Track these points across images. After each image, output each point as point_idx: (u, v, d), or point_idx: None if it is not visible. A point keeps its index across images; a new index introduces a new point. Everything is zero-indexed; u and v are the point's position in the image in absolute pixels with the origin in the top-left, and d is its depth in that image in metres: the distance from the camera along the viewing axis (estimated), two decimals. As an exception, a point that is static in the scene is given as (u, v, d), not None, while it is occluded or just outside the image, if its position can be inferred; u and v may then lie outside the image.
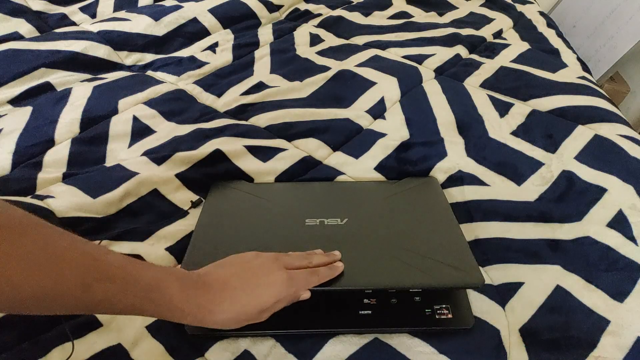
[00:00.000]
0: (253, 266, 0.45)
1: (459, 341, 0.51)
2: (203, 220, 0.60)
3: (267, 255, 0.47)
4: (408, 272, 0.52)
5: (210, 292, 0.41)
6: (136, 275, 0.38)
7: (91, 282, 0.35)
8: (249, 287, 0.42)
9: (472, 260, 0.53)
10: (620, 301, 0.56)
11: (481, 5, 1.26)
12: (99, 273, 0.35)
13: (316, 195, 0.65)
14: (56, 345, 0.48)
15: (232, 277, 0.43)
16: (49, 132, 0.74)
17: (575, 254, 0.61)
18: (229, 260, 0.46)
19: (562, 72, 0.95)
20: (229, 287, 0.42)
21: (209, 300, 0.41)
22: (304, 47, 1.03)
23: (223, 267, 0.44)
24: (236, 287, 0.42)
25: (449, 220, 0.60)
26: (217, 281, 0.42)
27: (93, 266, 0.35)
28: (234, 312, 0.41)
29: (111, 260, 0.37)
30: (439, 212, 0.62)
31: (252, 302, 0.42)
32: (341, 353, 0.50)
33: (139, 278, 0.38)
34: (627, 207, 0.65)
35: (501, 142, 0.77)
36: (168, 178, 0.67)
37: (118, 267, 0.37)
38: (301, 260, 0.48)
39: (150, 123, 0.78)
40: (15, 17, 1.00)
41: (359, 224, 0.58)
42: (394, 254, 0.54)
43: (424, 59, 0.98)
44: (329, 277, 0.49)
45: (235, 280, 0.42)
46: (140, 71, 0.93)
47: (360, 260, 0.53)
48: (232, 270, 0.44)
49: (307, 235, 0.55)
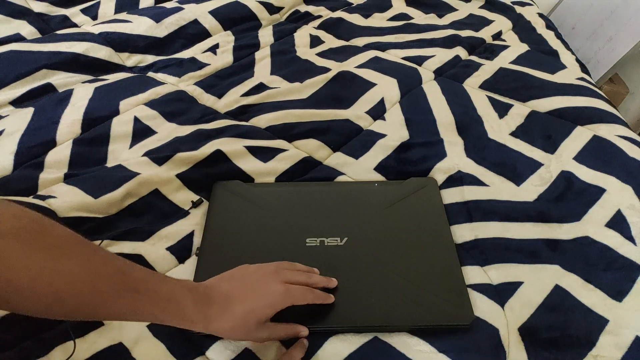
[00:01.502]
0: (253, 279, 0.48)
1: (458, 340, 0.51)
2: (208, 234, 0.61)
3: (268, 268, 0.50)
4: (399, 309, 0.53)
5: (215, 305, 0.45)
6: (157, 288, 0.42)
7: (122, 293, 0.40)
8: (248, 299, 0.46)
9: (465, 294, 0.55)
10: (618, 300, 0.56)
11: (480, 7, 1.26)
12: (127, 285, 0.40)
13: (316, 203, 0.66)
14: (58, 344, 0.48)
15: (234, 290, 0.46)
16: (50, 133, 0.74)
17: (574, 254, 0.61)
18: (232, 274, 0.49)
19: (561, 74, 0.95)
20: (230, 300, 0.45)
21: (214, 312, 0.44)
22: (304, 49, 1.04)
23: (227, 280, 0.48)
24: (236, 299, 0.46)
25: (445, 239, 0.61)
26: (220, 295, 0.46)
27: (122, 280, 0.40)
28: (234, 322, 0.45)
29: (137, 274, 0.42)
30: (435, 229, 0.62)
31: (250, 313, 0.45)
32: (341, 351, 0.50)
33: (159, 291, 0.42)
34: (625, 207, 0.65)
35: (500, 143, 0.77)
36: (169, 178, 0.68)
37: (142, 280, 0.42)
38: (300, 276, 0.51)
39: (151, 124, 0.79)
40: (17, 18, 1.01)
41: (358, 247, 0.59)
42: (389, 283, 0.55)
43: (423, 60, 0.99)
44: (324, 301, 0.51)
45: (237, 293, 0.46)
46: (141, 72, 0.94)
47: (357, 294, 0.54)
48: (234, 284, 0.47)
49: (308, 258, 0.57)
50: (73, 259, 0.37)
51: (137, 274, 0.42)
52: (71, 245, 0.39)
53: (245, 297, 0.46)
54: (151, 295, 0.41)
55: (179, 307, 0.43)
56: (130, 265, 0.42)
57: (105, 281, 0.39)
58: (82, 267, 0.38)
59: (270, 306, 0.46)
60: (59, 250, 0.37)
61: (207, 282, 0.47)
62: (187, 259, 0.60)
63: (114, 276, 0.40)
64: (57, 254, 0.37)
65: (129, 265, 0.42)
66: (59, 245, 0.37)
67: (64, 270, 0.36)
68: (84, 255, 0.39)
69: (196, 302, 0.44)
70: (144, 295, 0.41)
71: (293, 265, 0.53)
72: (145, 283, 0.42)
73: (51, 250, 0.36)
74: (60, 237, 0.38)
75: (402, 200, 0.66)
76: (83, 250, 0.39)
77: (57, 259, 0.36)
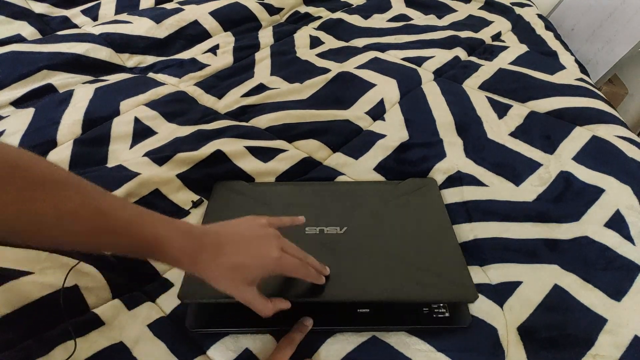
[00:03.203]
0: (252, 236, 0.46)
1: (457, 339, 0.52)
2: None
3: (271, 231, 0.48)
4: (403, 286, 0.52)
5: (205, 252, 0.43)
6: (140, 231, 0.41)
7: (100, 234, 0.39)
8: (239, 254, 0.44)
9: (467, 274, 0.54)
10: (617, 300, 0.56)
11: (480, 8, 1.27)
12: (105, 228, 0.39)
13: (316, 200, 0.66)
14: (59, 343, 0.48)
15: (229, 242, 0.45)
16: (51, 133, 0.74)
17: (573, 254, 0.61)
18: (238, 223, 0.47)
19: (560, 74, 0.95)
20: (222, 250, 0.44)
21: (203, 258, 0.43)
22: (304, 50, 1.04)
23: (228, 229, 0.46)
24: (228, 251, 0.44)
25: (446, 230, 0.61)
26: (213, 243, 0.44)
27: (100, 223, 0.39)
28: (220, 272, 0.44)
29: (121, 215, 0.40)
30: (436, 222, 0.62)
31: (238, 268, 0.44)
32: (340, 351, 0.50)
33: (143, 234, 0.41)
34: (624, 207, 0.66)
35: (500, 143, 0.78)
36: (169, 178, 0.68)
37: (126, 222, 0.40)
38: (298, 252, 0.50)
39: (152, 124, 0.79)
40: (18, 19, 1.01)
41: (358, 234, 0.59)
42: (391, 266, 0.55)
43: (423, 61, 0.99)
44: (316, 280, 0.50)
45: (231, 244, 0.45)
46: (141, 73, 0.94)
47: (357, 272, 0.54)
48: (232, 235, 0.46)
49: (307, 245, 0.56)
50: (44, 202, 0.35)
51: (121, 214, 0.40)
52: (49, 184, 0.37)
53: (237, 251, 0.44)
54: (133, 238, 0.40)
55: (165, 252, 0.42)
56: (117, 205, 0.41)
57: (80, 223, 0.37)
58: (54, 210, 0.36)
59: (260, 267, 0.45)
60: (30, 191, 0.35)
61: (207, 226, 0.46)
62: (188, 259, 0.60)
63: (92, 218, 0.38)
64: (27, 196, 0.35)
65: (115, 205, 0.41)
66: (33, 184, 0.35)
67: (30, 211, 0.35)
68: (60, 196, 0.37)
69: (185, 245, 0.42)
70: (124, 238, 0.40)
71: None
72: (128, 225, 0.40)
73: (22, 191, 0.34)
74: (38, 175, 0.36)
75: (402, 197, 0.66)
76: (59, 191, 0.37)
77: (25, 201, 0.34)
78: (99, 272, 0.55)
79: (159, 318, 0.53)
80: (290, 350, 0.49)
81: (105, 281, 0.55)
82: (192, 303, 0.54)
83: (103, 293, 0.54)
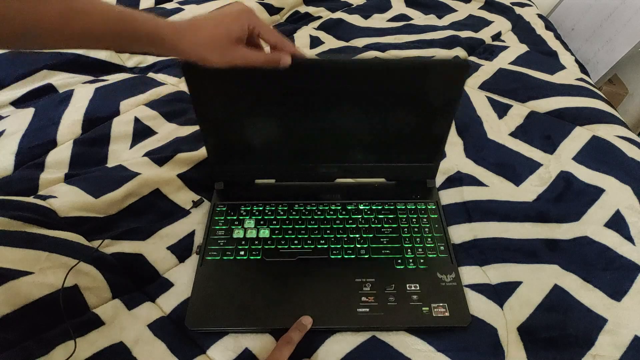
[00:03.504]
0: (224, 7, 0.49)
1: (457, 339, 0.52)
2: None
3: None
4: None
5: (183, 24, 0.47)
6: (111, 9, 0.43)
7: (70, 14, 0.40)
8: (213, 17, 0.48)
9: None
10: (617, 300, 0.56)
11: (480, 8, 1.27)
12: (115, 22, 0.42)
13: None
14: (59, 343, 0.48)
15: (200, 16, 0.48)
16: (51, 133, 0.74)
17: (573, 254, 0.61)
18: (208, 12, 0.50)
19: (561, 74, 0.95)
20: (198, 21, 0.47)
21: (184, 28, 0.46)
22: (304, 49, 1.04)
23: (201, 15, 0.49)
24: (203, 20, 0.47)
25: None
26: (187, 20, 0.47)
27: (69, 6, 0.40)
28: (204, 38, 0.46)
29: (121, 9, 0.43)
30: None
31: (217, 26, 0.47)
32: (340, 350, 0.51)
33: (144, 25, 0.44)
34: (624, 207, 0.66)
35: (500, 143, 0.78)
36: (170, 178, 0.68)
37: (129, 15, 0.43)
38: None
39: (152, 124, 0.79)
40: (18, 19, 1.01)
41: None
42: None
43: (423, 61, 0.99)
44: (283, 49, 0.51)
45: (203, 17, 0.48)
46: (141, 73, 0.94)
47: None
48: (206, 15, 0.48)
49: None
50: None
51: (120, 9, 0.43)
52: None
53: (211, 17, 0.47)
54: (105, 14, 0.42)
55: (142, 22, 0.44)
56: (111, 4, 0.43)
57: (90, 20, 0.40)
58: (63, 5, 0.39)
59: (236, 19, 0.47)
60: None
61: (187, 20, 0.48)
62: (188, 258, 0.60)
63: (101, 14, 0.41)
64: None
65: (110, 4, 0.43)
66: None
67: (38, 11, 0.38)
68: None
69: (167, 22, 0.45)
70: (99, 17, 0.42)
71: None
72: (131, 17, 0.43)
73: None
74: None
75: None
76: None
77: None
78: (99, 272, 0.55)
79: (159, 318, 0.53)
80: (288, 350, 0.49)
81: (105, 281, 0.55)
82: (193, 302, 0.54)
83: (103, 293, 0.54)
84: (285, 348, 0.49)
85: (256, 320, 0.53)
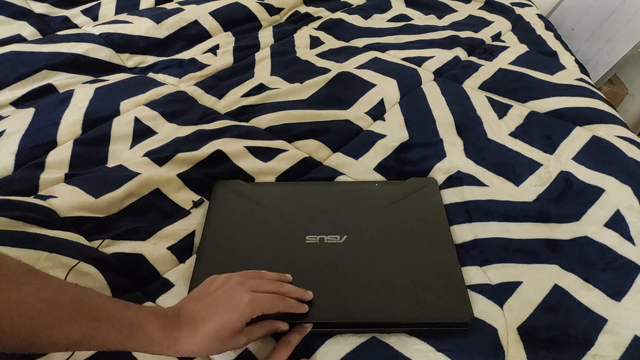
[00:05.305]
0: (219, 294, 0.46)
1: (457, 339, 0.52)
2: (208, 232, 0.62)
3: (235, 279, 0.48)
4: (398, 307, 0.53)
5: (184, 328, 0.43)
6: (118, 314, 0.41)
7: (80, 321, 0.39)
8: (216, 315, 0.44)
9: (464, 293, 0.55)
10: (617, 300, 0.56)
11: (480, 8, 1.27)
12: (85, 313, 0.40)
13: (316, 201, 0.66)
14: (59, 343, 0.48)
15: (201, 309, 0.45)
16: (51, 134, 0.75)
17: (573, 254, 0.61)
18: (200, 291, 0.48)
19: (561, 74, 0.95)
20: (199, 320, 0.44)
21: (184, 334, 0.43)
22: (304, 50, 1.04)
23: (194, 300, 0.47)
24: (205, 318, 0.44)
25: (444, 237, 0.61)
26: (188, 316, 0.44)
27: (80, 308, 0.40)
28: (207, 341, 0.44)
29: (96, 302, 0.41)
30: (435, 228, 0.63)
31: (221, 329, 0.44)
32: (339, 351, 0.50)
33: (121, 317, 0.41)
34: (624, 207, 0.66)
35: (500, 143, 0.78)
36: (170, 178, 0.68)
37: (102, 308, 0.41)
38: (269, 285, 0.50)
39: (152, 124, 0.79)
40: (18, 19, 1.01)
41: (357, 243, 0.60)
42: (388, 281, 0.55)
43: (423, 61, 0.99)
44: (296, 310, 0.50)
45: (204, 311, 0.45)
46: (141, 73, 0.94)
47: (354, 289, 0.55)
48: (201, 303, 0.46)
49: (307, 255, 0.57)
50: (25, 289, 0.37)
51: (96, 301, 0.41)
52: (22, 275, 0.38)
53: (213, 313, 0.44)
54: (113, 321, 0.40)
55: (145, 333, 0.42)
56: (90, 293, 0.42)
57: (61, 310, 0.38)
58: (35, 297, 0.37)
59: (239, 318, 0.45)
60: (9, 279, 0.36)
61: (176, 305, 0.46)
62: (188, 259, 0.60)
63: (71, 304, 0.39)
64: (7, 284, 0.36)
65: (88, 293, 0.42)
66: (9, 275, 0.37)
67: (15, 300, 0.36)
68: (36, 284, 0.38)
69: (164, 326, 0.43)
70: (105, 323, 0.40)
71: (261, 274, 0.52)
72: (105, 310, 0.41)
73: (2, 282, 0.36)
74: (9, 266, 0.38)
75: (402, 200, 0.66)
76: (35, 279, 0.39)
77: (8, 289, 0.36)
78: (99, 272, 0.55)
79: (159, 318, 0.53)
80: (287, 352, 0.48)
81: (105, 281, 0.54)
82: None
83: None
84: (284, 351, 0.48)
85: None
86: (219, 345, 0.45)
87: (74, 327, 0.38)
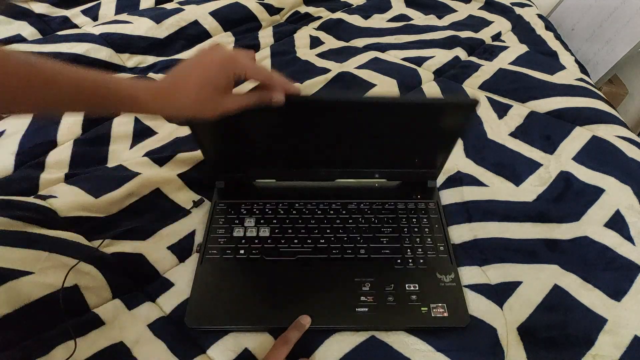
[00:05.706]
0: (204, 53, 0.47)
1: (456, 339, 0.52)
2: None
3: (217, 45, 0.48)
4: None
5: (165, 83, 0.46)
6: (115, 86, 0.44)
7: (32, 87, 0.40)
8: (195, 70, 0.46)
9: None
10: (617, 300, 0.56)
11: (480, 8, 1.27)
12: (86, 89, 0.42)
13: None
14: (59, 343, 0.48)
15: (181, 70, 0.46)
16: (51, 134, 0.75)
17: (573, 254, 0.61)
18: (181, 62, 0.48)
19: (560, 74, 0.95)
20: (180, 78, 0.46)
21: (167, 90, 0.45)
22: (304, 50, 1.04)
23: (175, 69, 0.47)
24: (186, 74, 0.46)
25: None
26: (168, 78, 0.46)
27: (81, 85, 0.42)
28: (192, 95, 0.45)
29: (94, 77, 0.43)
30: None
31: (203, 81, 0.45)
32: (339, 350, 0.51)
33: (118, 91, 0.44)
34: (624, 207, 0.66)
35: (500, 143, 0.78)
36: (170, 178, 0.68)
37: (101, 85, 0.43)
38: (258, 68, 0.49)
39: (152, 124, 0.79)
40: (18, 19, 1.01)
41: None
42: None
43: (423, 61, 0.99)
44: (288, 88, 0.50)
45: (184, 70, 0.46)
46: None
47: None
48: (181, 66, 0.47)
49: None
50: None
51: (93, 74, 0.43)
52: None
53: (192, 70, 0.45)
54: (110, 91, 0.43)
55: (139, 103, 0.44)
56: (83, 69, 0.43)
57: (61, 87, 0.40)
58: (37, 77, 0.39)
59: (220, 69, 0.45)
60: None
61: (166, 76, 0.47)
62: (188, 258, 0.60)
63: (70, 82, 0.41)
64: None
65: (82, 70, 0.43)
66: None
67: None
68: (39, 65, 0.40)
69: (146, 84, 0.44)
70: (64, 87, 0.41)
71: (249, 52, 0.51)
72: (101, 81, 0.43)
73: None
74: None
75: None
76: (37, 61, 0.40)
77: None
78: (99, 272, 0.55)
79: (159, 318, 0.53)
80: (285, 350, 0.48)
81: (105, 281, 0.55)
82: (192, 300, 0.54)
83: (103, 293, 0.54)
84: (283, 348, 0.48)
85: (254, 319, 0.53)
86: (208, 103, 0.46)
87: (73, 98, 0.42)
